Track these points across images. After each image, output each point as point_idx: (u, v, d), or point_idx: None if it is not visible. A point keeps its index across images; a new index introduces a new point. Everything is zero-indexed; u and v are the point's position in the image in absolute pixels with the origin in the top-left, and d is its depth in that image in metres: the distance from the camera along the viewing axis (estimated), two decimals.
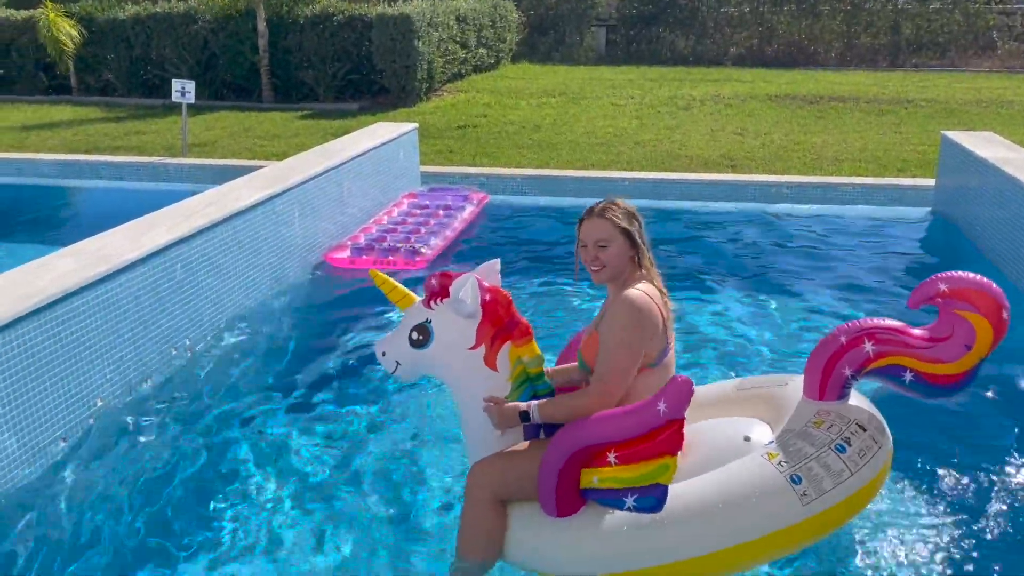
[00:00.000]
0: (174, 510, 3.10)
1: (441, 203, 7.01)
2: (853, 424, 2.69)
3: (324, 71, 13.66)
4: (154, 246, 4.00)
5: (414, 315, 2.75)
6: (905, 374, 2.68)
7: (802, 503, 2.49)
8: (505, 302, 2.69)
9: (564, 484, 2.48)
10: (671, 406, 2.36)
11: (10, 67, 15.06)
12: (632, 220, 2.66)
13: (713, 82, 15.22)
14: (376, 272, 2.94)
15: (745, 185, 7.72)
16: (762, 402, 2.99)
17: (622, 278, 2.65)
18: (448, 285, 2.66)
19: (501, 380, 2.67)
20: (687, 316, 4.81)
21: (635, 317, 2.54)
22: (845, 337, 2.72)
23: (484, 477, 2.62)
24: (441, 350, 2.69)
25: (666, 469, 2.41)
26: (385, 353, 2.77)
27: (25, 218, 7.89)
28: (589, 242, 2.63)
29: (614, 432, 2.43)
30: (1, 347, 3.12)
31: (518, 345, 2.67)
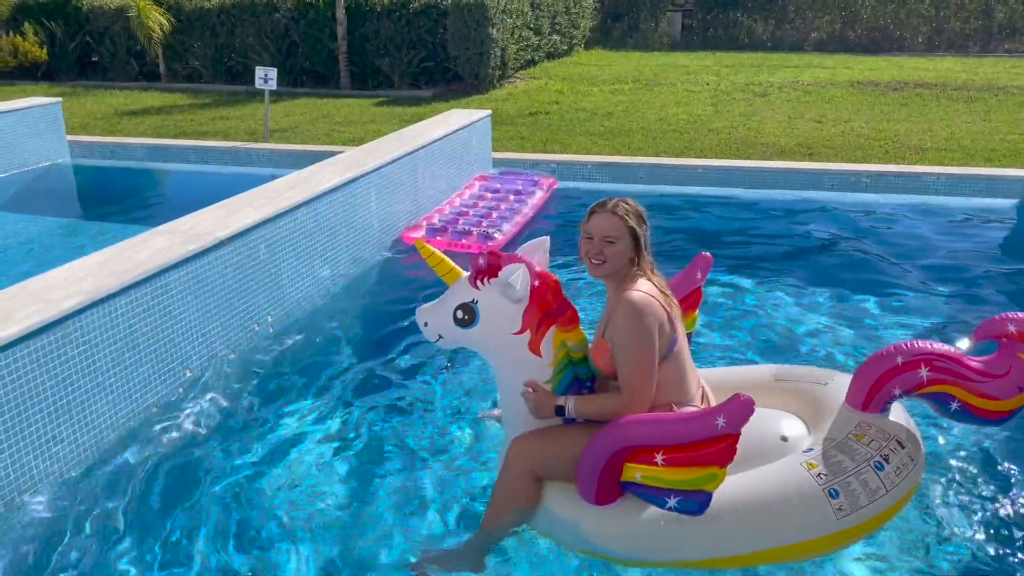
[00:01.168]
0: (249, 478, 3.26)
1: (512, 188, 7.09)
2: (893, 440, 2.71)
3: (399, 58, 13.88)
4: (241, 226, 4.19)
5: (460, 292, 2.74)
6: (952, 403, 2.70)
7: (836, 517, 2.53)
8: (554, 287, 2.68)
9: (606, 475, 2.52)
10: (730, 421, 2.37)
11: (103, 54, 15.75)
12: (641, 222, 2.69)
13: (792, 68, 14.88)
14: (422, 243, 2.91)
15: (822, 174, 7.57)
16: (801, 397, 2.99)
17: (618, 277, 2.67)
18: (497, 265, 2.66)
19: (544, 364, 2.68)
20: (744, 302, 4.82)
21: (639, 319, 2.56)
22: (902, 358, 2.72)
23: (524, 452, 2.68)
24: (486, 332, 2.69)
25: (714, 478, 2.43)
26: (427, 323, 2.77)
27: (118, 198, 8.30)
28: (596, 236, 2.65)
29: (667, 436, 2.46)
30: (103, 318, 3.33)
31: (564, 330, 2.67)
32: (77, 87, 14.81)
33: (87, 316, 3.26)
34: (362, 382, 4.01)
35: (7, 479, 2.97)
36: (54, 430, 3.15)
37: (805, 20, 18.34)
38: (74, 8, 15.93)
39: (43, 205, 7.75)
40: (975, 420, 2.74)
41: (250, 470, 3.31)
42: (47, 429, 3.12)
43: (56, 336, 3.13)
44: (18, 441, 3.01)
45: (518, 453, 2.69)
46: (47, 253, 6.18)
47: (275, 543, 2.89)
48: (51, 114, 8.89)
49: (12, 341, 2.94)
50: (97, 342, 3.32)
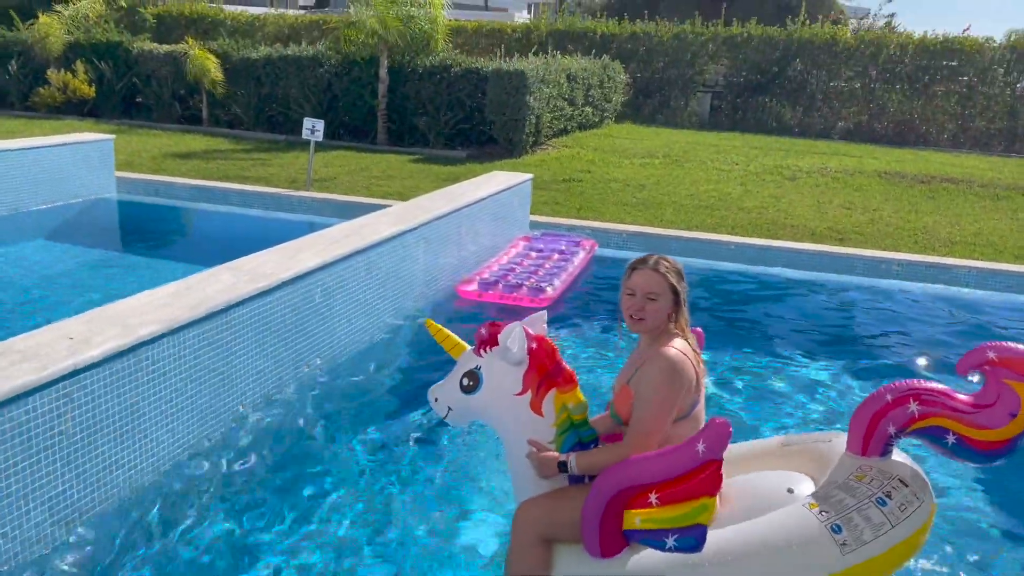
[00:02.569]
0: (292, 517, 3.31)
1: (555, 247, 7.37)
2: (895, 479, 2.74)
3: (437, 118, 14.23)
4: (302, 269, 4.32)
5: (465, 362, 2.87)
6: (948, 436, 2.71)
7: (841, 552, 2.55)
8: (550, 350, 2.79)
9: (607, 526, 2.56)
10: (709, 447, 2.45)
11: (149, 95, 16.22)
12: (680, 279, 2.77)
13: (820, 154, 15.15)
14: (431, 322, 3.09)
15: (854, 259, 7.69)
16: (807, 457, 3.04)
17: (658, 332, 2.74)
18: (497, 334, 2.78)
19: (546, 425, 2.75)
20: (763, 377, 4.92)
21: (672, 375, 2.62)
22: (891, 395, 2.77)
23: (530, 517, 2.71)
24: (490, 395, 2.80)
25: (705, 509, 2.50)
26: (438, 399, 2.89)
27: (161, 235, 8.49)
28: (638, 292, 2.72)
29: (655, 473, 2.52)
30: (173, 348, 3.43)
31: (563, 392, 2.75)
32: (121, 125, 15.22)
33: (159, 344, 3.35)
34: (400, 430, 4.08)
35: (70, 500, 3.03)
36: (117, 455, 3.22)
37: (832, 109, 18.75)
38: (124, 50, 16.47)
39: (90, 238, 7.94)
40: (975, 454, 2.74)
41: (292, 511, 3.35)
42: (111, 453, 3.19)
43: (130, 362, 3.22)
44: (85, 463, 3.07)
45: (524, 518, 2.72)
46: (92, 284, 6.31)
47: None
48: (103, 150, 9.17)
49: (91, 364, 3.03)
50: (165, 371, 3.41)
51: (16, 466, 2.79)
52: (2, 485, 2.75)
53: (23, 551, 2.85)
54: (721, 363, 5.15)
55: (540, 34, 20.24)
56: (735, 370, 5.07)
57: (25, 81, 16.91)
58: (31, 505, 2.87)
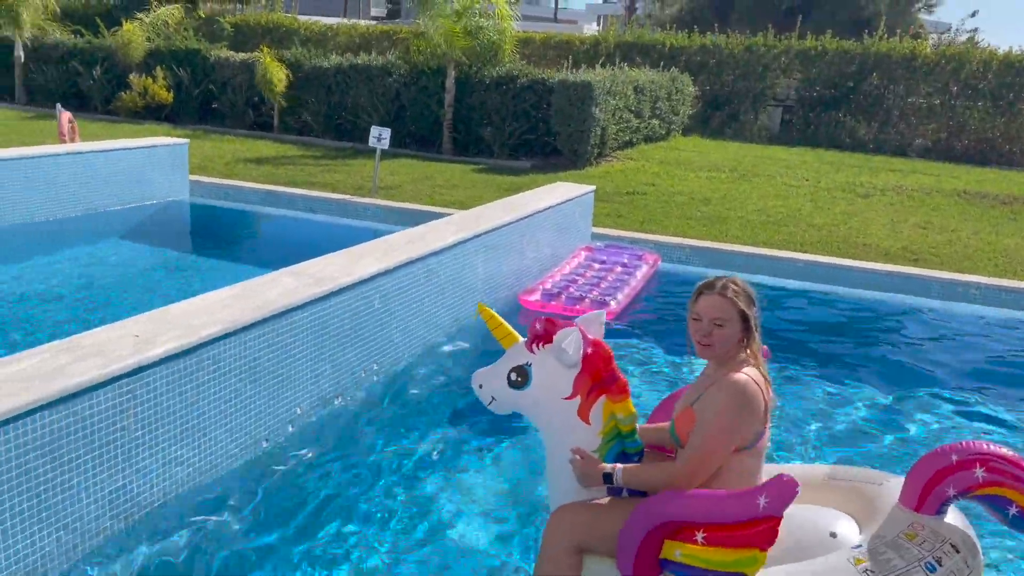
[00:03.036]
0: (343, 512, 3.31)
1: (618, 260, 7.30)
2: (947, 544, 2.58)
3: (502, 129, 14.27)
4: (363, 274, 4.33)
5: (515, 356, 2.78)
6: (1010, 508, 2.55)
7: None
8: (606, 356, 2.69)
9: (645, 550, 2.47)
10: (772, 503, 2.33)
11: (224, 102, 16.68)
12: (751, 304, 2.63)
13: (895, 172, 14.70)
14: (483, 307, 3.00)
15: (930, 281, 7.39)
16: (854, 496, 2.89)
17: (727, 358, 2.62)
18: (553, 331, 2.69)
19: (592, 433, 2.67)
20: (824, 400, 4.75)
21: (739, 403, 2.51)
22: (957, 456, 2.60)
23: (565, 522, 2.63)
24: (537, 394, 2.72)
25: (754, 562, 2.38)
26: (482, 386, 2.81)
27: (229, 237, 8.68)
28: (705, 318, 2.60)
29: (709, 513, 2.42)
30: (233, 348, 3.47)
31: (613, 401, 2.66)
32: (197, 130, 15.67)
33: (221, 345, 3.40)
34: (453, 437, 4.06)
35: (131, 494, 3.08)
36: (177, 452, 3.26)
37: (910, 126, 18.16)
38: (202, 57, 16.99)
39: (162, 238, 8.16)
40: None
41: (343, 513, 3.35)
42: (171, 450, 3.23)
43: (191, 361, 3.26)
44: (146, 459, 3.12)
45: (559, 523, 2.65)
46: (161, 284, 6.48)
47: None
48: (178, 154, 9.43)
49: (154, 362, 3.08)
50: (226, 371, 3.45)
51: (79, 459, 2.84)
52: (64, 478, 2.80)
53: (83, 543, 2.91)
54: (780, 382, 4.99)
55: (608, 46, 20.15)
56: (793, 391, 4.90)
57: (108, 86, 17.57)
58: (92, 498, 2.92)
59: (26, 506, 2.69)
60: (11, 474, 2.63)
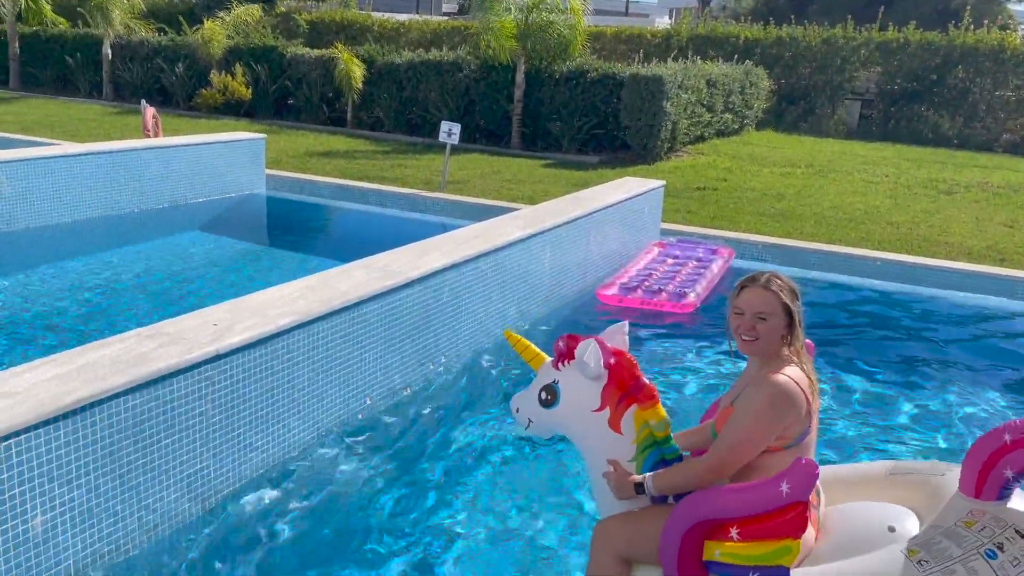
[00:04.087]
0: (407, 500, 3.37)
1: (692, 255, 7.27)
2: (1010, 529, 2.43)
3: (571, 124, 14.23)
4: (431, 268, 4.39)
5: (544, 376, 2.81)
6: None
7: None
8: (630, 365, 2.67)
9: (686, 554, 2.45)
10: (794, 489, 2.30)
11: (299, 97, 17.07)
12: (795, 298, 2.57)
13: (981, 168, 14.12)
14: (510, 332, 3.04)
15: (1016, 281, 7.08)
16: (915, 490, 2.78)
17: (770, 354, 2.56)
18: (574, 348, 2.69)
19: (626, 443, 2.65)
20: (897, 401, 4.64)
21: (777, 402, 2.45)
22: (1010, 435, 2.45)
23: (609, 534, 2.62)
24: (567, 410, 2.72)
25: (788, 552, 2.35)
26: (519, 410, 2.84)
27: (303, 230, 8.90)
28: (748, 311, 2.55)
29: (735, 507, 2.39)
30: (307, 339, 3.57)
31: (644, 408, 2.64)
32: (273, 125, 16.08)
33: (294, 335, 3.49)
34: (513, 433, 4.07)
35: (208, 478, 3.20)
36: (252, 438, 3.37)
37: (997, 120, 17.40)
38: (278, 54, 17.41)
39: (240, 230, 8.43)
40: None
41: (408, 501, 3.42)
42: (246, 436, 3.34)
43: (267, 350, 3.37)
44: (222, 444, 3.23)
45: (602, 536, 2.63)
46: (239, 275, 6.68)
47: None
48: (255, 148, 9.71)
49: (232, 350, 3.19)
50: (298, 360, 3.55)
51: (159, 442, 2.97)
52: (146, 460, 2.93)
53: (162, 523, 3.03)
54: (851, 383, 4.87)
55: (680, 39, 19.87)
56: (865, 391, 4.78)
57: (189, 83, 18.18)
58: (171, 480, 3.04)
59: (111, 485, 2.82)
60: (99, 454, 2.76)
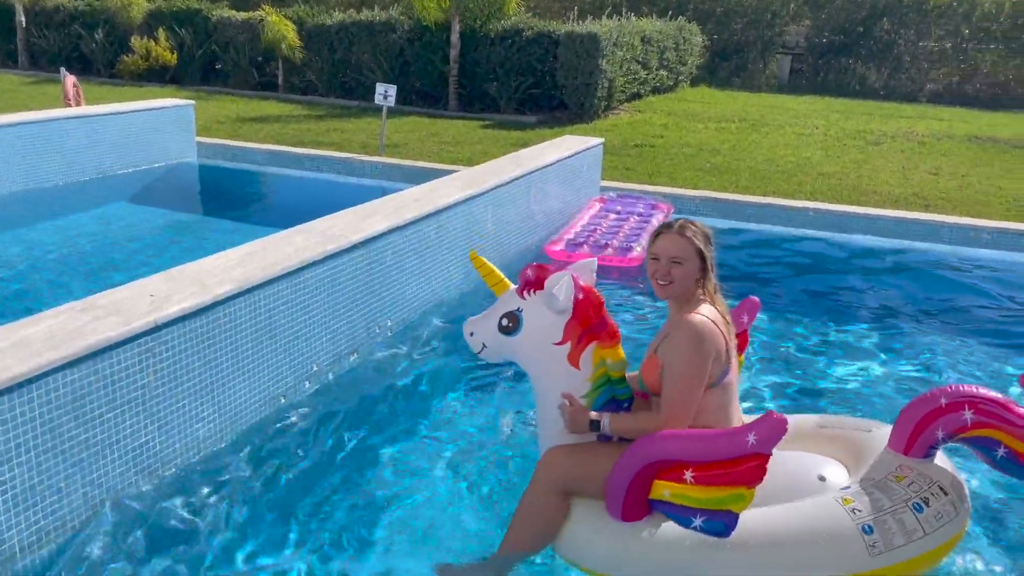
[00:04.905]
0: (360, 465, 3.39)
1: (633, 210, 7.40)
2: (935, 485, 2.65)
3: (508, 84, 14.13)
4: (372, 232, 4.35)
5: (506, 302, 2.80)
6: (998, 449, 2.61)
7: (870, 554, 2.48)
8: (597, 303, 2.71)
9: (634, 490, 2.52)
10: (761, 440, 2.36)
11: (227, 62, 16.55)
12: (708, 243, 2.68)
13: (906, 118, 14.53)
14: (475, 255, 3.01)
15: (940, 226, 7.35)
16: (843, 443, 2.94)
17: (685, 297, 2.66)
18: (543, 278, 2.70)
19: (581, 379, 2.69)
20: (830, 347, 4.79)
21: (697, 342, 2.55)
22: (946, 399, 2.65)
23: (555, 465, 2.68)
24: (527, 340, 2.74)
25: (741, 499, 2.43)
26: (473, 333, 2.84)
27: (238, 198, 8.70)
28: (663, 257, 2.65)
29: (698, 452, 2.46)
30: (248, 307, 3.51)
31: (604, 347, 2.68)
32: (201, 92, 15.58)
33: (235, 303, 3.44)
34: (465, 392, 4.12)
35: (154, 450, 3.15)
36: (198, 408, 3.32)
37: (921, 71, 17.89)
38: (203, 18, 16.81)
39: (172, 200, 8.19)
40: (1020, 470, 2.65)
41: (361, 466, 3.43)
42: (191, 407, 3.30)
43: (207, 320, 3.31)
44: (168, 416, 3.19)
45: (547, 466, 2.69)
46: (173, 245, 6.52)
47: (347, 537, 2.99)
48: (184, 115, 9.40)
49: (170, 320, 3.13)
50: (241, 328, 3.50)
51: (101, 417, 2.91)
52: (88, 435, 2.87)
53: (110, 497, 2.99)
54: (784, 331, 5.02)
55: None
56: (797, 339, 4.93)
57: (110, 49, 17.46)
58: (116, 455, 2.99)
59: (54, 462, 2.76)
60: (38, 431, 2.69)
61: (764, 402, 4.05)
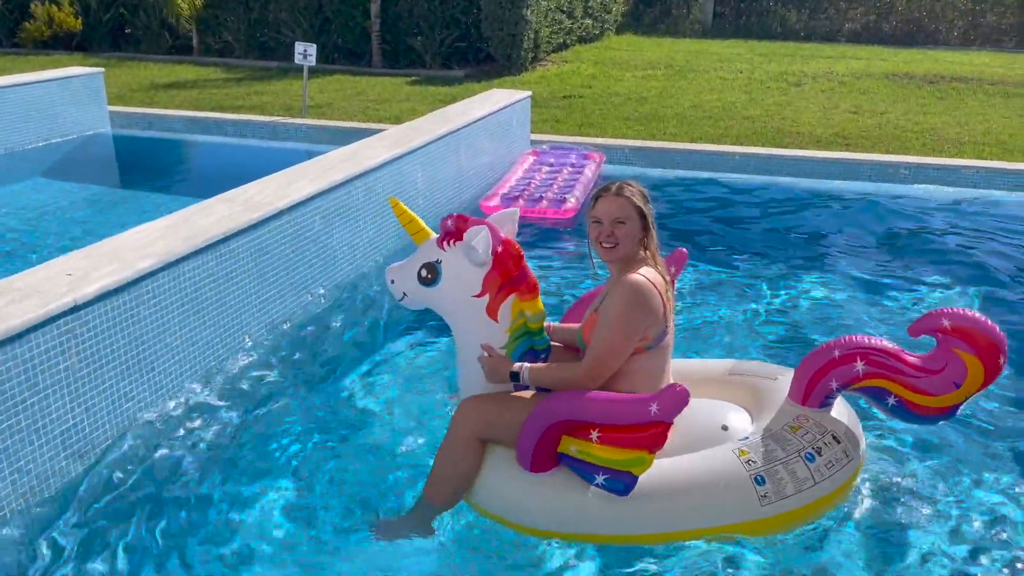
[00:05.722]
0: (294, 440, 3.37)
1: (566, 161, 7.42)
2: (829, 435, 2.75)
3: (432, 38, 13.87)
4: (298, 197, 4.26)
5: (426, 252, 2.79)
6: (889, 398, 2.72)
7: (760, 504, 2.58)
8: (516, 255, 2.72)
9: (543, 444, 2.58)
10: (663, 409, 2.43)
11: (137, 26, 15.83)
12: (646, 201, 2.71)
13: (826, 59, 14.78)
14: (395, 201, 2.99)
15: (860, 164, 7.56)
16: (749, 391, 3.03)
17: (628, 259, 2.70)
18: (464, 229, 2.69)
19: (500, 330, 2.72)
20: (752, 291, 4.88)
21: (636, 302, 2.59)
22: (839, 351, 2.75)
23: (472, 412, 2.73)
24: (446, 291, 2.75)
25: (642, 462, 2.50)
26: (394, 281, 2.84)
27: (157, 168, 8.40)
28: (605, 219, 2.67)
29: (604, 415, 2.51)
30: (172, 281, 3.42)
31: (523, 299, 2.71)
32: (111, 59, 14.90)
33: (159, 278, 3.34)
34: (404, 351, 4.11)
35: (83, 433, 3.07)
36: (126, 388, 3.24)
37: (839, 10, 18.16)
38: None
39: (86, 174, 7.86)
40: (911, 416, 2.77)
41: (299, 434, 3.40)
42: (119, 387, 3.21)
43: (130, 296, 3.21)
44: (94, 397, 3.10)
45: (464, 414, 2.73)
46: (91, 221, 6.28)
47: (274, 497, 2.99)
48: (93, 84, 9.00)
49: (91, 299, 3.03)
50: (167, 303, 3.41)
51: (24, 402, 2.81)
52: (12, 422, 2.78)
53: (39, 484, 2.91)
54: (714, 277, 5.11)
55: None
56: (726, 284, 5.02)
57: (10, 16, 16.50)
58: (43, 440, 2.90)
59: None
60: None
61: (689, 349, 4.08)
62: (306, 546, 2.76)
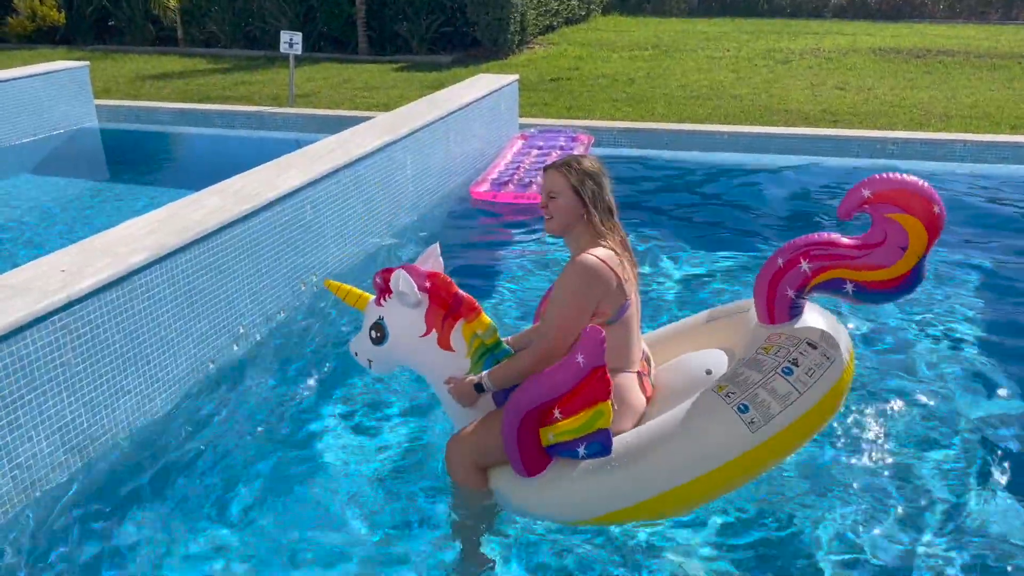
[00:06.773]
0: (296, 423, 3.40)
1: (555, 144, 7.40)
2: (803, 344, 2.63)
3: (418, 24, 13.82)
4: (288, 187, 4.27)
5: (370, 314, 2.87)
6: (846, 285, 2.61)
7: (750, 431, 2.49)
8: (445, 284, 2.77)
9: (525, 445, 2.58)
10: (587, 356, 2.43)
11: (121, 18, 15.71)
12: (585, 178, 2.70)
13: (813, 35, 14.78)
14: (330, 281, 3.08)
15: (848, 140, 7.59)
16: (729, 330, 3.00)
17: (572, 234, 2.72)
18: (389, 281, 2.77)
19: (460, 357, 2.77)
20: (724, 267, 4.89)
21: (583, 279, 2.60)
22: (782, 259, 2.67)
23: (459, 447, 2.75)
24: (398, 343, 2.80)
25: (601, 415, 2.50)
26: (358, 353, 2.91)
27: (146, 161, 8.38)
28: (543, 192, 2.76)
29: (549, 390, 2.50)
30: (165, 274, 3.44)
31: (470, 321, 2.75)
32: (95, 51, 14.80)
33: (152, 272, 3.36)
34: None
35: (81, 427, 3.09)
36: (123, 382, 3.26)
37: None
38: None
39: (74, 168, 7.84)
40: (877, 296, 2.64)
41: (296, 424, 3.43)
42: (116, 381, 3.24)
43: (124, 290, 3.23)
44: (92, 392, 3.12)
45: (453, 449, 2.76)
46: (80, 216, 6.28)
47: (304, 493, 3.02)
48: (78, 78, 8.95)
49: (85, 295, 3.04)
50: (160, 297, 3.42)
51: (23, 398, 2.84)
52: (11, 418, 2.80)
53: (40, 479, 2.94)
54: (711, 257, 5.15)
55: None
56: (714, 262, 5.07)
57: None
58: (42, 435, 2.93)
59: None
60: None
61: None
62: (309, 544, 2.79)
